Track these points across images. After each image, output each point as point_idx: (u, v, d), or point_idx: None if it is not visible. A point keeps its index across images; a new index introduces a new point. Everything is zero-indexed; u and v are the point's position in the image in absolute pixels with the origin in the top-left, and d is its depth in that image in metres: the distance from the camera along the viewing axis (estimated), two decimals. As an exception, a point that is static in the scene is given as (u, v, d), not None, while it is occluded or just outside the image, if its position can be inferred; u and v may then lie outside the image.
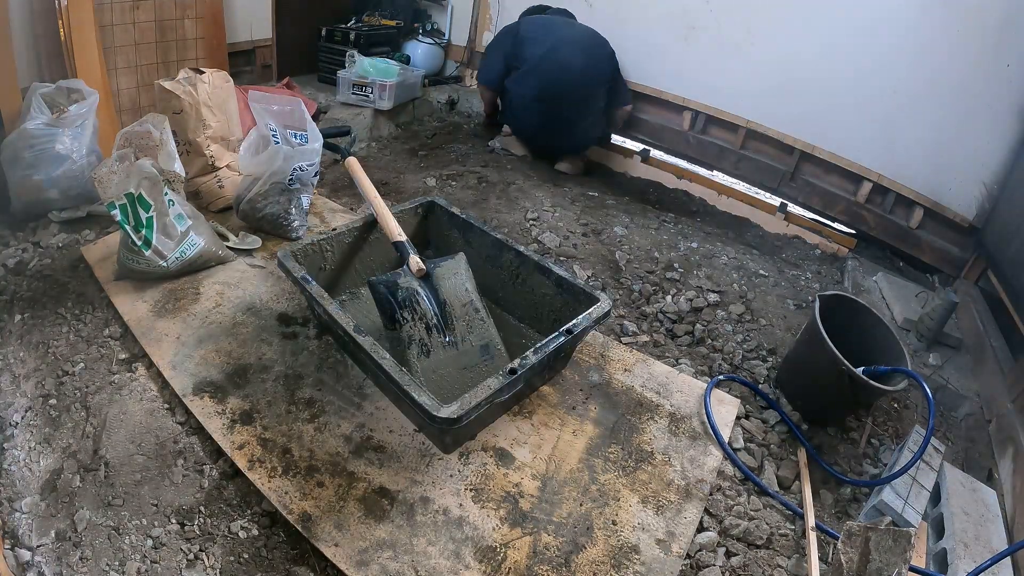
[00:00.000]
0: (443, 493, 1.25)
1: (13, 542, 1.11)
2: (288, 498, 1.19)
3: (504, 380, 1.19)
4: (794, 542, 1.29)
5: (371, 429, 1.37)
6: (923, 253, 2.48)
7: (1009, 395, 1.65)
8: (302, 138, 1.99)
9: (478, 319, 1.49)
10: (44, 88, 1.99)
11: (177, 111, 2.00)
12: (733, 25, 2.70)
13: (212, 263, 1.83)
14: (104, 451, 1.28)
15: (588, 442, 1.41)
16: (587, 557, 1.17)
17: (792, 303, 2.09)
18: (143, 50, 2.62)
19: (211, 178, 2.13)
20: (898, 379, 1.47)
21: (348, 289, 1.77)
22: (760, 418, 1.60)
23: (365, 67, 3.15)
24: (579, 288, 1.50)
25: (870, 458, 1.55)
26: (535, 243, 2.23)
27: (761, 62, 2.63)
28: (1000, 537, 1.31)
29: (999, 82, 2.12)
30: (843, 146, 2.60)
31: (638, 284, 2.07)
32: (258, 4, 3.17)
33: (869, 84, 2.44)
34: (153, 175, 1.60)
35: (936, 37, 2.24)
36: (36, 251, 1.88)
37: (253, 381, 1.46)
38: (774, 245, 2.62)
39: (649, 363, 1.68)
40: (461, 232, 1.78)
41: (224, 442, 1.30)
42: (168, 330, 1.58)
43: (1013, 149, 2.15)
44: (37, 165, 1.91)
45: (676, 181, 3.05)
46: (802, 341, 1.65)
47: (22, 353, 1.51)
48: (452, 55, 3.93)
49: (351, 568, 1.09)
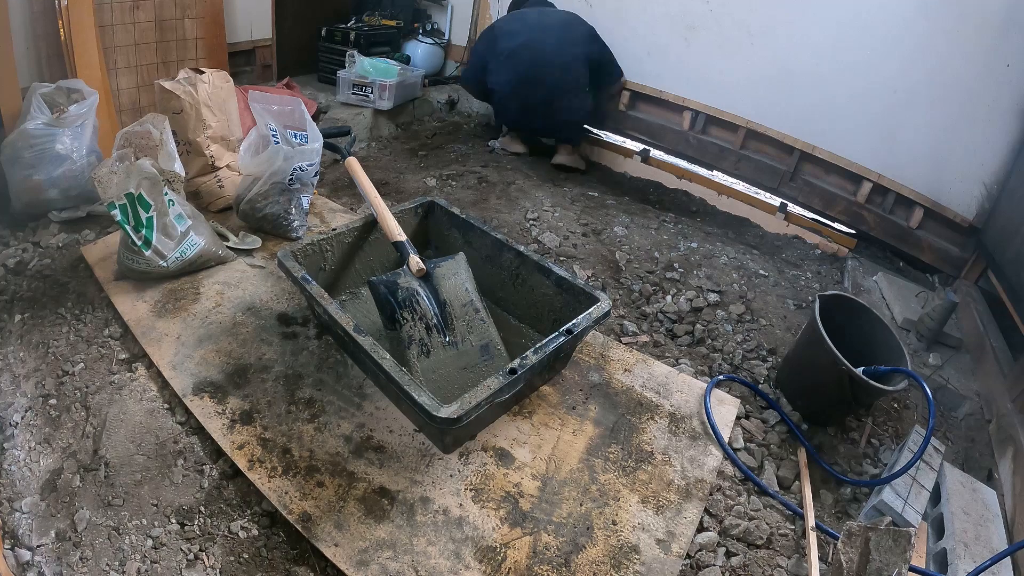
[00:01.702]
0: (443, 493, 1.25)
1: (13, 542, 1.11)
2: (288, 498, 1.19)
3: (504, 380, 1.19)
4: (794, 542, 1.29)
5: (371, 429, 1.37)
6: (923, 253, 2.48)
7: (1009, 395, 1.65)
8: (302, 138, 1.99)
9: (478, 319, 1.49)
10: (44, 88, 1.99)
11: (177, 111, 2.00)
12: (733, 25, 2.70)
13: (212, 263, 1.83)
14: (104, 451, 1.28)
15: (588, 442, 1.41)
16: (587, 557, 1.17)
17: (792, 303, 2.09)
18: (143, 50, 2.62)
19: (211, 178, 2.13)
20: (898, 379, 1.47)
21: (348, 289, 1.77)
22: (760, 418, 1.60)
23: (365, 67, 3.15)
24: (579, 288, 1.50)
25: (870, 458, 1.55)
26: (535, 243, 2.23)
27: (761, 62, 2.63)
28: (1000, 537, 1.30)
29: (999, 82, 2.12)
30: (843, 146, 2.60)
31: (638, 284, 2.07)
32: (258, 4, 3.17)
33: (869, 84, 2.44)
34: (153, 175, 1.60)
35: (936, 37, 2.24)
36: (36, 251, 1.88)
37: (253, 381, 1.46)
38: (774, 245, 2.62)
39: (649, 363, 1.68)
40: (461, 232, 1.78)
41: (224, 442, 1.30)
42: (168, 330, 1.58)
43: (1013, 149, 2.15)
44: (37, 165, 1.91)
45: (676, 181, 3.05)
46: (802, 341, 1.65)
47: (22, 353, 1.51)
48: (452, 55, 3.93)
49: (351, 568, 1.09)
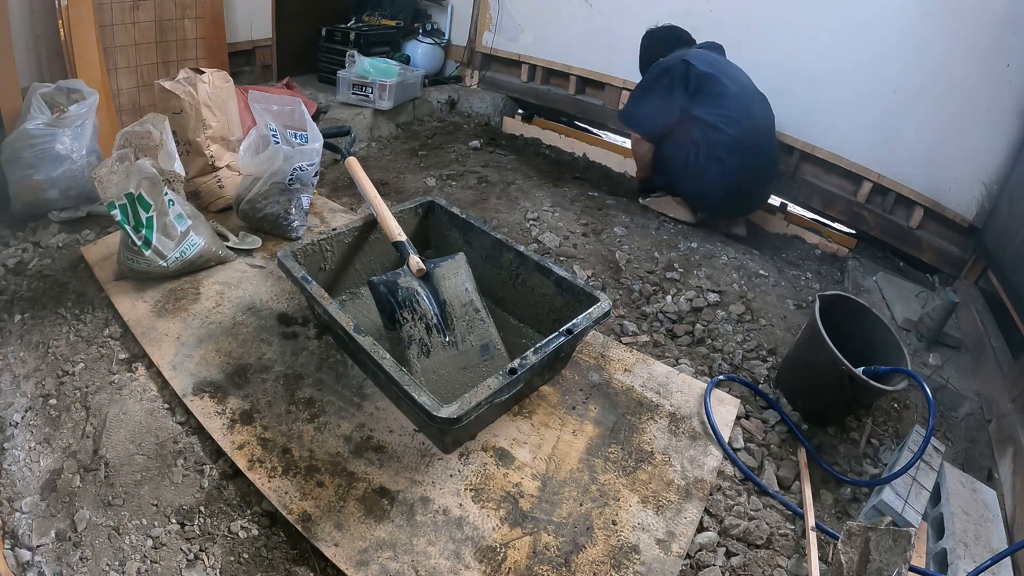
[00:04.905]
0: (443, 493, 1.25)
1: (13, 542, 1.11)
2: (288, 498, 1.19)
3: (504, 380, 1.19)
4: (794, 542, 1.29)
5: (371, 429, 1.37)
6: (923, 253, 2.48)
7: (1009, 395, 1.65)
8: (302, 138, 1.99)
9: (478, 319, 1.49)
10: (44, 88, 1.99)
11: (177, 111, 2.00)
12: (733, 25, 2.70)
13: (212, 263, 1.83)
14: (104, 451, 1.28)
15: (588, 442, 1.41)
16: (587, 557, 1.17)
17: (792, 303, 2.09)
18: (143, 50, 2.62)
19: (211, 178, 2.13)
20: (898, 379, 1.47)
21: (348, 289, 1.77)
22: (760, 418, 1.60)
23: (365, 67, 3.15)
24: (579, 288, 1.50)
25: (870, 458, 1.55)
26: (535, 243, 2.23)
27: (761, 62, 2.62)
28: (1000, 537, 1.30)
29: (999, 82, 2.12)
30: (843, 146, 2.60)
31: (638, 284, 2.07)
32: (258, 4, 3.17)
33: (869, 84, 2.44)
34: (153, 175, 1.60)
35: (936, 37, 2.24)
36: (36, 251, 1.88)
37: (253, 381, 1.46)
38: (774, 245, 2.62)
39: (649, 363, 1.68)
40: (461, 232, 1.78)
41: (224, 442, 1.30)
42: (168, 330, 1.58)
43: (1013, 149, 2.15)
44: (37, 165, 1.91)
45: (676, 181, 3.04)
46: (802, 341, 1.65)
47: (22, 353, 1.51)
48: (452, 55, 3.93)
49: (351, 568, 1.09)
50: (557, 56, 3.46)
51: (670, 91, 2.37)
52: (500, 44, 3.66)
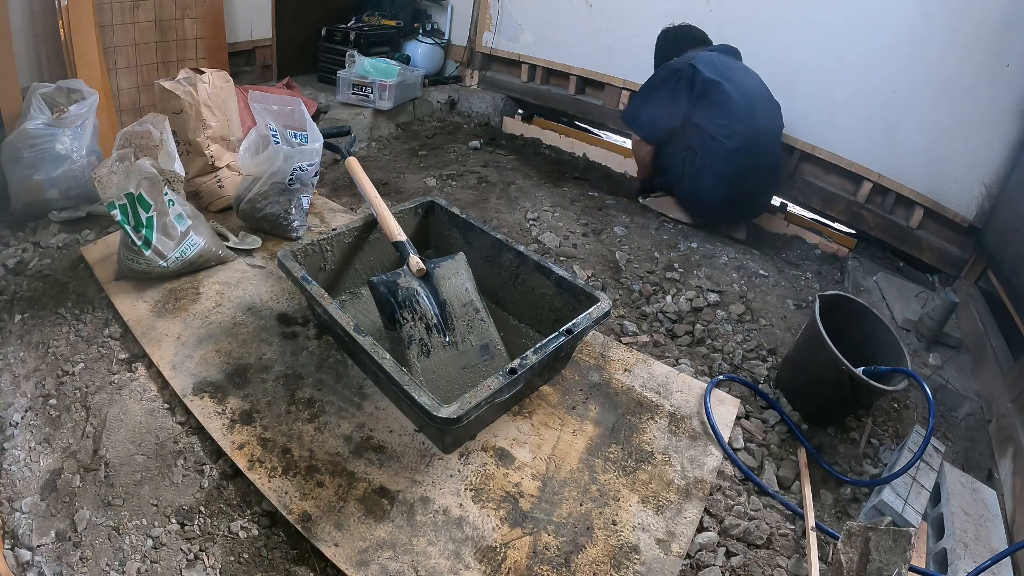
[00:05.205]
0: (443, 493, 1.25)
1: (13, 542, 1.11)
2: (288, 498, 1.19)
3: (504, 380, 1.19)
4: (794, 542, 1.29)
5: (371, 429, 1.37)
6: (923, 253, 2.48)
7: (1009, 395, 1.65)
8: (302, 138, 1.99)
9: (478, 319, 1.49)
10: (44, 88, 1.99)
11: (177, 111, 2.00)
12: (733, 25, 2.70)
13: (212, 263, 1.83)
14: (104, 451, 1.28)
15: (588, 442, 1.41)
16: (587, 557, 1.17)
17: (792, 303, 2.09)
18: (143, 50, 2.62)
19: (211, 178, 2.13)
20: (898, 379, 1.47)
21: (348, 289, 1.77)
22: (760, 418, 1.60)
23: (365, 67, 3.15)
24: (579, 288, 1.50)
25: (870, 458, 1.55)
26: (535, 243, 2.23)
27: (761, 62, 2.63)
28: (1000, 537, 1.30)
29: (999, 82, 2.12)
30: (843, 146, 2.60)
31: (638, 284, 2.07)
32: (258, 4, 3.17)
33: (869, 84, 2.44)
34: (153, 175, 1.60)
35: (936, 37, 2.25)
36: (36, 251, 1.88)
37: (253, 381, 1.46)
38: (774, 245, 2.62)
39: (649, 363, 1.68)
40: (461, 232, 1.78)
41: (224, 442, 1.30)
42: (168, 330, 1.58)
43: (1013, 149, 2.15)
44: (37, 165, 1.91)
45: (676, 181, 3.04)
46: (802, 341, 1.65)
47: (22, 353, 1.51)
48: (452, 55, 3.93)
49: (351, 568, 1.09)
50: (557, 56, 3.46)
51: (674, 95, 2.35)
52: (500, 44, 3.66)
